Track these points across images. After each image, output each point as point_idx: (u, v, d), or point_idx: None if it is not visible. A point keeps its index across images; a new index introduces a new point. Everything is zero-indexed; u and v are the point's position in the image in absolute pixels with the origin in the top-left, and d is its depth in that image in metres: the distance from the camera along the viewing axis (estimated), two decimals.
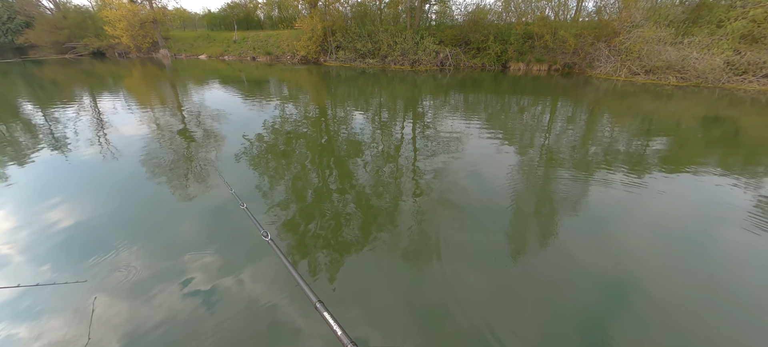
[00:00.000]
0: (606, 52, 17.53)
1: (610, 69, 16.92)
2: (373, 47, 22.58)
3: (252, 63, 25.41)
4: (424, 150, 6.56)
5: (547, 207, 4.38)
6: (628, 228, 3.94)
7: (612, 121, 9.04)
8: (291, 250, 3.47)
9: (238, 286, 2.95)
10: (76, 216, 4.08)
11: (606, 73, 17.00)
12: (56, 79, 18.08)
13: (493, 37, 20.10)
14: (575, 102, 11.28)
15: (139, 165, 5.76)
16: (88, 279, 2.98)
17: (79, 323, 2.58)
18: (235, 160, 5.93)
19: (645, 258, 3.37)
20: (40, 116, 9.60)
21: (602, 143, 7.05)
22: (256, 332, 2.52)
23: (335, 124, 8.66)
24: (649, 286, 2.98)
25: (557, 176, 5.31)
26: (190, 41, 31.62)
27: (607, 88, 14.14)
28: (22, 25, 31.97)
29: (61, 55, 31.47)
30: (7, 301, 2.79)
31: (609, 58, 17.36)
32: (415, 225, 3.91)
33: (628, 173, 5.38)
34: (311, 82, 16.63)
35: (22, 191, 4.83)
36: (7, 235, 3.70)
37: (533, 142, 7.11)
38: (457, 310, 2.71)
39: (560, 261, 3.34)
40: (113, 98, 12.33)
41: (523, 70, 19.52)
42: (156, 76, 19.28)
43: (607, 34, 17.93)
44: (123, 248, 3.44)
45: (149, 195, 4.73)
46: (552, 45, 18.89)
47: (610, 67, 17.02)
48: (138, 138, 7.29)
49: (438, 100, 11.84)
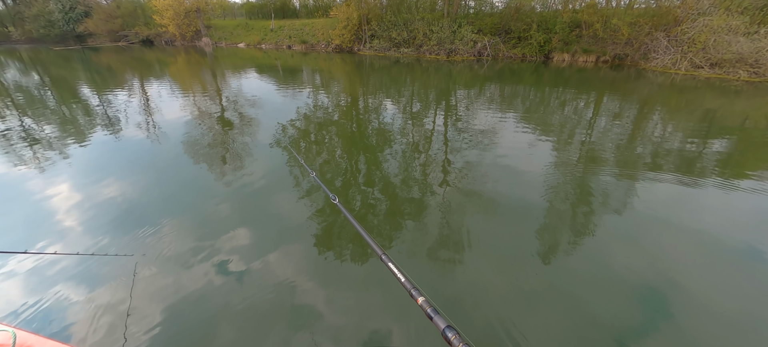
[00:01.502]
0: (664, 43, 16.19)
1: (669, 61, 15.63)
2: (409, 36, 22.41)
3: (287, 51, 26.16)
4: (455, 142, 6.50)
5: (582, 208, 4.23)
6: (672, 235, 3.70)
7: (666, 118, 8.39)
8: (318, 234, 3.64)
9: (269, 265, 3.16)
10: (125, 194, 4.52)
11: (663, 65, 15.73)
12: (111, 65, 19.72)
13: (537, 25, 19.22)
14: (625, 97, 10.57)
15: (182, 147, 6.23)
16: (134, 252, 3.32)
17: (123, 290, 2.90)
18: (268, 148, 6.22)
19: (687, 269, 3.17)
20: (97, 99, 10.57)
21: (652, 142, 6.60)
22: (281, 308, 2.70)
23: (366, 114, 8.78)
24: (687, 300, 2.81)
25: (597, 175, 5.08)
26: (230, 29, 33.08)
27: (664, 82, 13.10)
28: (82, 14, 35.08)
29: (115, 43, 34.21)
30: (65, 267, 3.18)
31: (668, 49, 16.03)
32: (442, 217, 3.94)
33: (679, 176, 5.03)
34: (345, 71, 16.87)
35: (80, 169, 5.40)
36: (66, 208, 4.18)
37: (573, 139, 6.80)
38: (472, 305, 2.74)
39: (591, 265, 3.23)
40: (159, 84, 13.28)
41: (568, 62, 18.53)
42: (198, 63, 20.45)
43: (668, 23, 16.54)
44: (165, 224, 3.79)
45: (190, 176, 5.13)
46: (602, 34, 17.75)
47: (668, 59, 15.72)
48: (181, 122, 7.86)
49: (473, 91, 11.59)
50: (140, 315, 2.66)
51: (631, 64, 17.26)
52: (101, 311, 2.70)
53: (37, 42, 37.14)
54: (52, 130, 7.36)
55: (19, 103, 10.21)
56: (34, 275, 3.07)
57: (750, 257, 3.36)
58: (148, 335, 2.50)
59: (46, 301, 2.78)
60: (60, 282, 2.99)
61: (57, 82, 14.41)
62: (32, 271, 3.11)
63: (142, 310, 2.70)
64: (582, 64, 17.93)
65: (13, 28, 39.07)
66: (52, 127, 7.65)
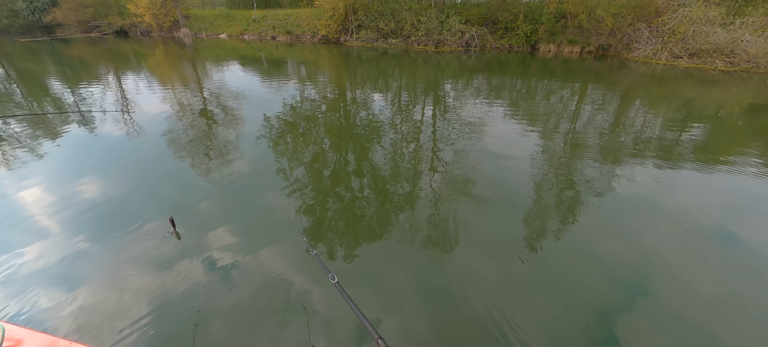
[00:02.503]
0: (646, 33, 16.71)
1: (650, 51, 16.16)
2: (396, 27, 22.35)
3: (272, 42, 25.73)
4: (444, 134, 6.64)
5: (568, 196, 4.44)
6: (653, 220, 3.95)
7: (646, 107, 8.75)
8: (309, 230, 3.71)
9: (256, 262, 3.22)
10: (103, 191, 4.48)
11: (645, 55, 16.25)
12: (83, 58, 19.00)
13: (523, 16, 19.48)
14: (608, 86, 10.93)
15: (163, 142, 6.18)
16: (115, 250, 3.34)
17: (108, 286, 2.93)
18: (254, 141, 6.21)
19: (669, 253, 3.39)
20: (69, 94, 10.23)
21: (633, 130, 6.91)
22: (272, 304, 2.77)
23: (354, 107, 8.82)
24: (669, 283, 3.02)
25: (582, 164, 5.31)
26: (210, 20, 32.20)
27: (645, 72, 13.57)
28: (49, 3, 33.39)
29: (86, 34, 32.80)
30: (44, 269, 3.17)
31: (649, 39, 16.55)
32: (432, 210, 4.07)
33: (659, 163, 5.32)
34: (332, 62, 16.76)
35: (54, 166, 5.30)
36: (40, 207, 4.12)
37: (558, 128, 7.05)
38: (461, 296, 2.86)
39: (576, 252, 3.40)
40: (137, 77, 12.91)
41: (554, 52, 18.92)
42: (178, 55, 19.92)
43: (649, 14, 17.04)
44: (145, 222, 3.79)
45: (171, 172, 5.11)
46: (587, 25, 18.16)
47: (649, 49, 16.25)
48: (161, 116, 7.73)
49: (462, 82, 11.75)
50: (125, 312, 2.69)
51: (615, 54, 17.76)
52: (86, 308, 2.72)
53: (1, 33, 35.31)
54: (22, 127, 7.13)
55: None
56: (19, 271, 3.06)
57: (725, 237, 3.64)
58: (134, 333, 2.54)
59: (30, 296, 2.79)
60: (44, 278, 2.99)
61: (24, 76, 13.83)
62: (18, 268, 3.10)
63: (128, 307, 2.74)
64: (567, 54, 18.34)
65: None
66: (22, 124, 7.40)
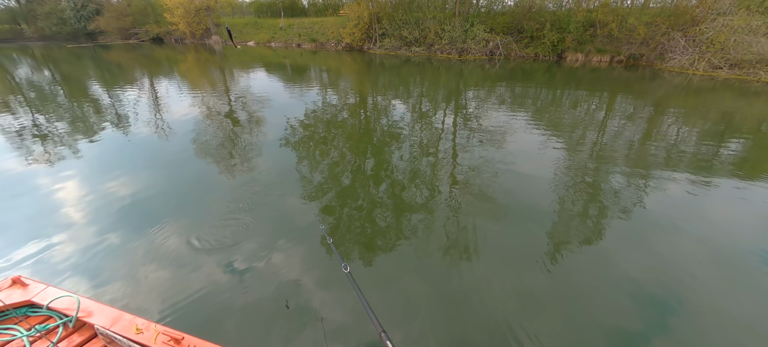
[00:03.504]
0: (682, 43, 16.06)
1: (686, 61, 15.50)
2: (420, 35, 22.56)
3: (297, 50, 26.52)
4: (465, 141, 6.64)
5: (593, 210, 4.31)
6: (685, 238, 3.75)
7: (681, 118, 8.40)
8: (327, 232, 3.79)
9: (272, 265, 3.30)
10: (133, 189, 4.75)
11: (680, 66, 15.61)
12: (121, 63, 20.26)
13: (550, 24, 19.20)
14: (639, 97, 10.56)
15: (191, 145, 6.49)
16: (138, 245, 3.54)
17: (128, 283, 3.10)
18: (277, 145, 6.42)
19: (701, 273, 3.21)
20: (106, 96, 10.93)
21: (666, 143, 6.64)
22: (280, 305, 2.83)
23: (376, 113, 8.95)
24: (701, 305, 2.85)
25: (609, 177, 5.16)
26: (239, 28, 33.59)
27: (680, 82, 13.02)
28: (93, 12, 35.96)
29: (125, 40, 34.99)
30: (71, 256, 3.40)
31: (685, 49, 15.90)
32: (450, 218, 4.07)
33: (693, 177, 5.09)
34: (355, 69, 17.08)
35: (89, 164, 5.67)
36: (75, 203, 4.41)
37: (584, 139, 6.88)
38: (479, 305, 2.83)
39: (600, 268, 3.29)
40: (169, 82, 13.64)
41: (582, 61, 18.49)
42: (207, 61, 20.88)
43: (685, 23, 16.41)
44: (172, 219, 3.99)
45: (196, 173, 5.35)
46: (617, 34, 17.68)
47: (685, 59, 15.59)
48: (190, 119, 8.13)
49: (484, 90, 11.68)
50: (146, 307, 2.82)
51: (647, 64, 17.16)
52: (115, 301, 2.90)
53: (50, 39, 38.18)
54: (63, 127, 7.69)
55: (31, 99, 10.62)
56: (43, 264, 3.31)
57: (764, 263, 3.39)
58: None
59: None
60: (66, 271, 3.20)
61: (68, 79, 14.90)
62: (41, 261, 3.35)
63: (147, 304, 2.87)
64: (596, 63, 17.87)
65: (26, 26, 40.23)
66: (63, 123, 7.98)
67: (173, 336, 1.69)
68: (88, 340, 1.90)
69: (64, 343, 1.86)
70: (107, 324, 1.82)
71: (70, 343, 1.86)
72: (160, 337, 1.72)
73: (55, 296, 2.01)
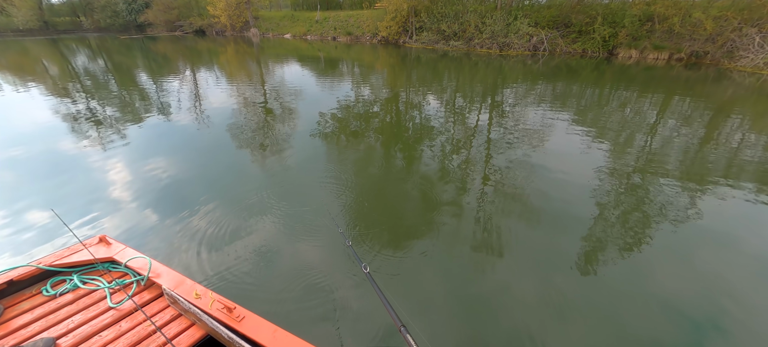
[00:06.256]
0: (757, 40, 14.68)
1: (761, 61, 14.16)
2: (459, 29, 22.22)
3: (332, 43, 27.05)
4: (500, 140, 6.56)
5: (634, 220, 4.12)
6: (736, 257, 3.50)
7: (748, 124, 7.73)
8: (353, 226, 3.93)
9: (296, 250, 3.50)
10: (173, 173, 5.18)
11: (753, 65, 14.27)
12: (166, 54, 21.69)
13: (602, 18, 18.22)
14: (700, 99, 9.82)
15: (226, 134, 6.94)
16: (174, 225, 3.87)
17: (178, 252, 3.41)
18: (308, 137, 6.67)
19: (747, 298, 2.99)
20: (152, 86, 11.81)
21: (727, 151, 6.16)
22: (307, 291, 3.01)
23: (409, 108, 9.02)
24: (743, 333, 2.67)
25: (656, 186, 4.89)
26: (277, 21, 34.78)
27: (752, 84, 11.93)
28: (143, 5, 38.73)
29: (171, 33, 37.38)
30: (129, 225, 3.80)
31: (761, 47, 14.52)
32: (479, 218, 4.08)
33: (754, 191, 4.71)
34: (390, 64, 17.20)
35: (135, 149, 6.21)
36: (122, 186, 4.87)
37: (631, 143, 6.54)
38: (501, 308, 2.84)
39: (634, 281, 3.16)
40: (209, 72, 14.49)
41: (635, 59, 17.39)
42: (246, 53, 21.86)
43: (761, 17, 14.96)
44: (208, 203, 4.32)
45: (232, 161, 5.72)
46: (679, 29, 16.45)
47: (760, 58, 14.24)
48: (227, 109, 8.66)
49: (525, 88, 11.36)
50: None
51: (711, 62, 15.83)
52: None
53: (104, 31, 41.55)
54: (113, 112, 8.47)
55: (87, 86, 11.69)
56: None
57: None
58: None
59: None
60: None
61: (119, 67, 16.22)
62: None
63: None
64: (651, 61, 16.74)
65: (83, 18, 44.02)
66: (113, 109, 8.79)
67: (226, 305, 1.89)
68: (156, 298, 2.19)
69: (136, 297, 2.17)
70: (172, 286, 2.10)
71: (140, 298, 2.17)
72: (215, 304, 1.93)
73: (132, 256, 2.36)
